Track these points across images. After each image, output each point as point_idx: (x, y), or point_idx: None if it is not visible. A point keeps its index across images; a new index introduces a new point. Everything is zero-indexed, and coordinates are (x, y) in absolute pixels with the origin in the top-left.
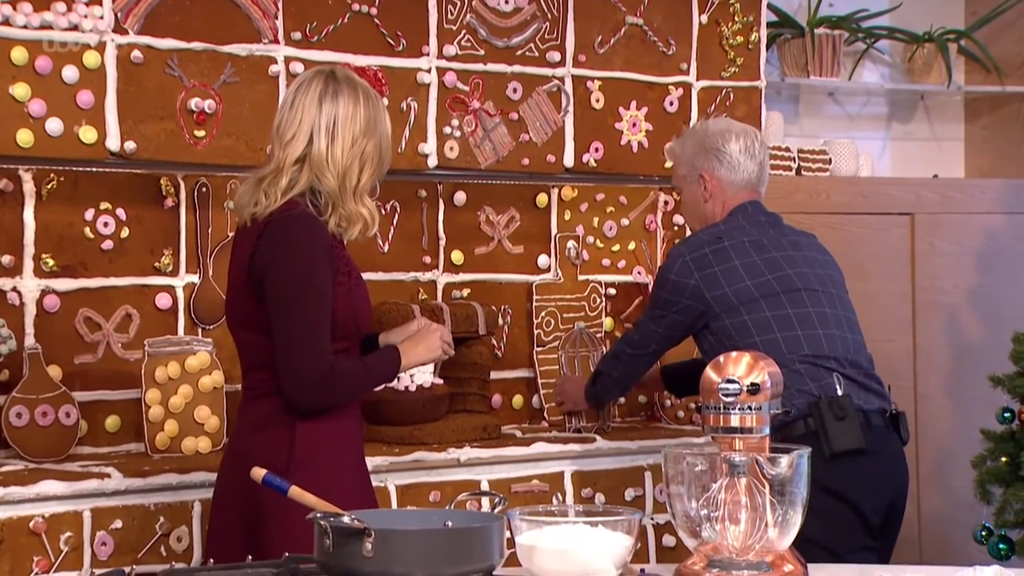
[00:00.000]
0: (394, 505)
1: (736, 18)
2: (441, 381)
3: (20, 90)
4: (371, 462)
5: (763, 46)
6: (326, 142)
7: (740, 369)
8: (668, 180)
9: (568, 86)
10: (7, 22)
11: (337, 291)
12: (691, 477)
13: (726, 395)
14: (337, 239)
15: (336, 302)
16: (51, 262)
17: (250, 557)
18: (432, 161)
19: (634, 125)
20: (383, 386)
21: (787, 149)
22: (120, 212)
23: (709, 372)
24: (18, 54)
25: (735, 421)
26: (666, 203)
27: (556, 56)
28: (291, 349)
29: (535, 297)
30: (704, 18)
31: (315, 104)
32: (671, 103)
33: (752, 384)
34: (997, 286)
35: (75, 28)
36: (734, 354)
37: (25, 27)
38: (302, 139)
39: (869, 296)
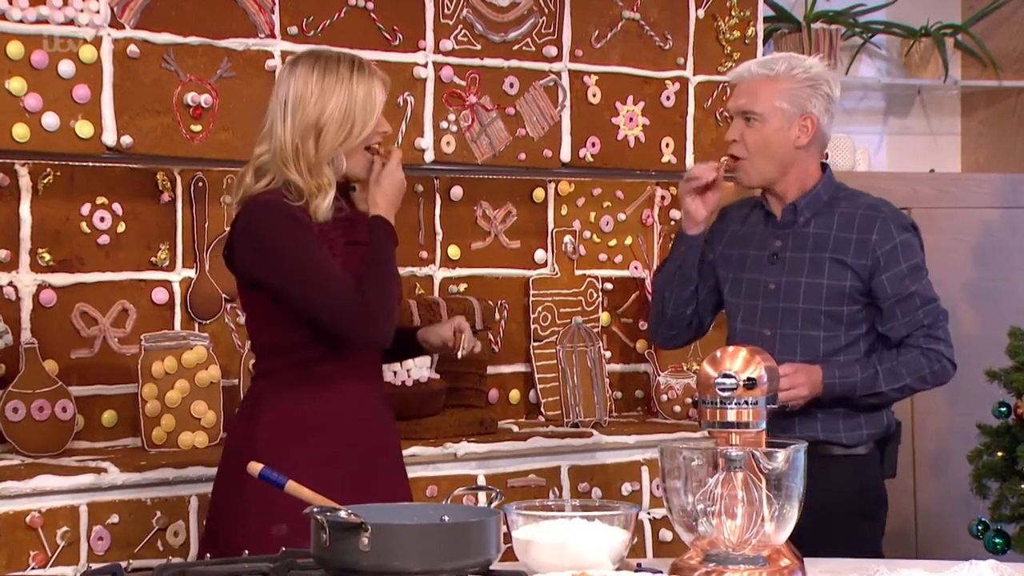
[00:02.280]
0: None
1: (733, 13)
2: (438, 376)
3: (16, 84)
4: None
5: (760, 41)
6: (280, 123)
7: (737, 363)
8: (665, 175)
9: (565, 81)
10: (3, 16)
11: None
12: (687, 472)
13: (723, 389)
14: (316, 221)
15: None
16: (47, 257)
17: (247, 551)
18: (429, 156)
19: (631, 120)
20: None
21: None
22: (116, 207)
23: (706, 366)
24: (14, 48)
25: (732, 416)
26: (663, 198)
27: (553, 51)
28: (315, 295)
29: (532, 292)
30: (701, 13)
31: (277, 88)
32: (668, 98)
33: (749, 379)
34: (994, 280)
35: (71, 22)
36: (731, 348)
37: (21, 21)
38: (266, 126)
39: None
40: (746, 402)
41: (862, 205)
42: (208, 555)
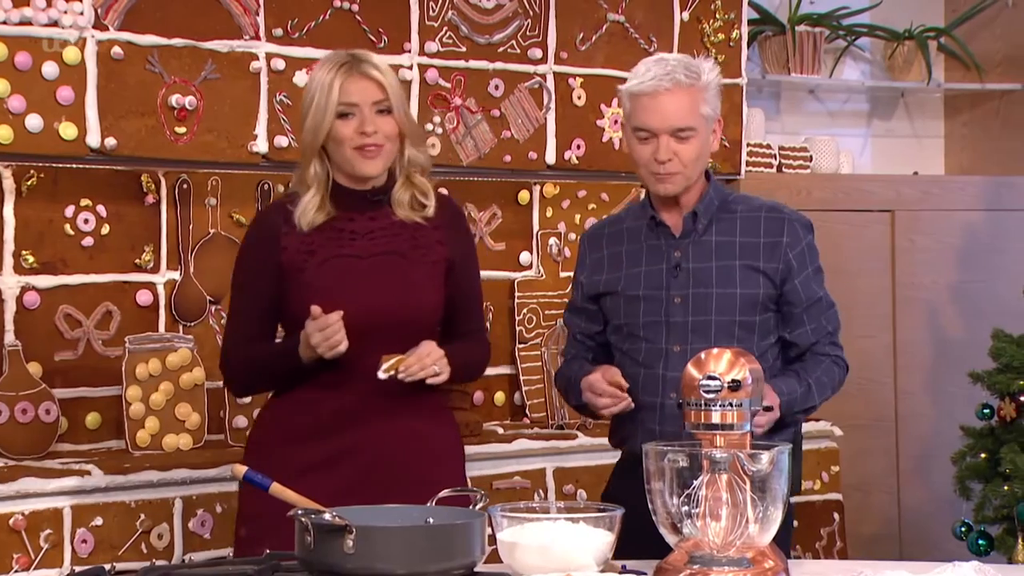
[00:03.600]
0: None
1: (717, 15)
2: None
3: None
4: None
5: (744, 43)
6: None
7: (721, 366)
8: None
9: (550, 83)
10: None
11: (290, 286)
12: (672, 473)
13: (707, 391)
14: (315, 231)
15: (288, 295)
16: (31, 259)
17: (230, 553)
18: None
19: (616, 122)
20: None
21: (768, 146)
22: (100, 209)
23: (690, 368)
24: None
25: (716, 418)
26: None
27: (538, 53)
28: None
29: (517, 294)
30: (685, 15)
31: None
32: None
33: (733, 381)
34: (977, 282)
35: (55, 24)
36: (715, 350)
37: (5, 23)
38: None
39: (849, 292)
40: (731, 404)
41: (761, 207)
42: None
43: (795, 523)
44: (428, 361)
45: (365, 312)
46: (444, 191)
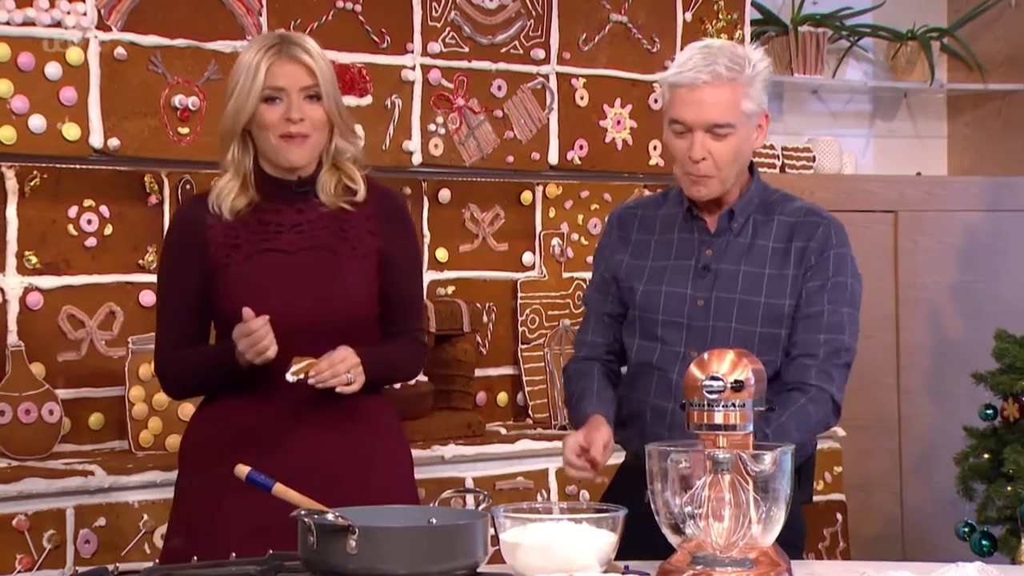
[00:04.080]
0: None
1: (720, 16)
2: (426, 378)
3: (2, 86)
4: None
5: (747, 44)
6: None
7: (724, 366)
8: (653, 177)
9: (553, 83)
10: None
11: (217, 282)
12: (674, 474)
13: (710, 392)
14: (241, 224)
15: (215, 292)
16: (34, 259)
17: (233, 554)
18: (417, 159)
19: (619, 122)
20: None
21: (771, 146)
22: (104, 209)
23: (693, 369)
24: (1, 50)
25: (719, 418)
26: None
27: (541, 53)
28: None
29: (520, 294)
30: (688, 16)
31: None
32: (655, 100)
33: (736, 381)
34: (979, 283)
35: (58, 24)
36: (717, 351)
37: (8, 23)
38: None
39: None
40: (733, 404)
41: (800, 211)
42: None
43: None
44: (340, 368)
45: (293, 311)
46: (394, 188)
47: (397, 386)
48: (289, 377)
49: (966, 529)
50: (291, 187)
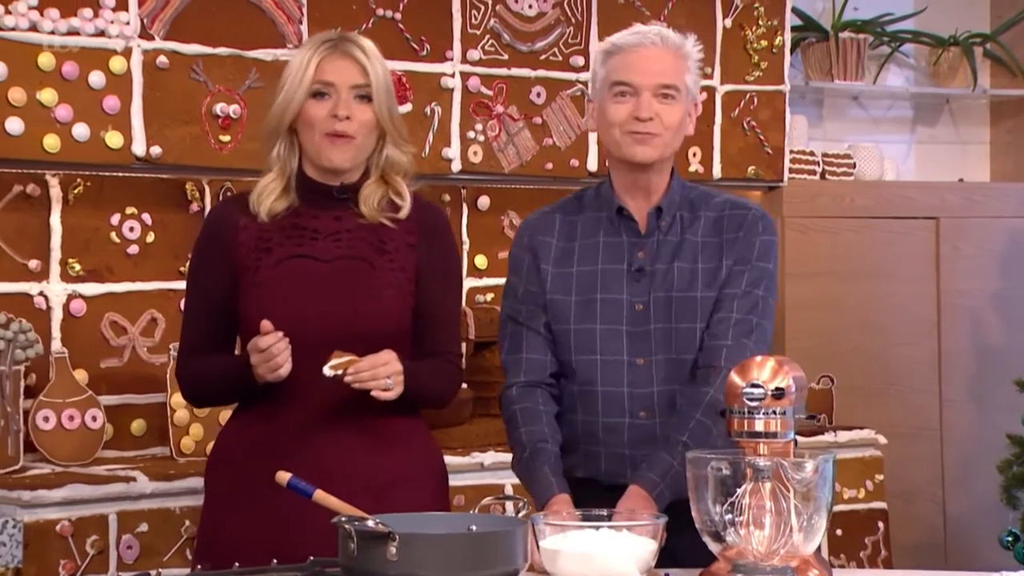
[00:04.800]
0: None
1: (760, 22)
2: (465, 385)
3: (47, 95)
4: None
5: (787, 50)
6: None
7: (765, 373)
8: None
9: None
10: (34, 28)
11: (241, 287)
12: (715, 482)
13: (750, 399)
14: (274, 227)
15: (240, 298)
16: (77, 266)
17: (275, 560)
18: (456, 166)
19: None
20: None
21: (811, 153)
22: (145, 217)
23: (734, 376)
24: (45, 60)
25: (759, 426)
26: None
27: (580, 60)
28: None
29: None
30: (728, 22)
31: None
32: (696, 105)
33: (777, 388)
34: (1021, 289)
35: (102, 34)
36: (759, 358)
37: (52, 33)
38: None
39: (892, 300)
40: (774, 412)
41: (725, 204)
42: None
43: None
44: (382, 371)
45: (322, 322)
46: (432, 201)
47: None
48: (326, 371)
49: (1009, 538)
50: (331, 193)
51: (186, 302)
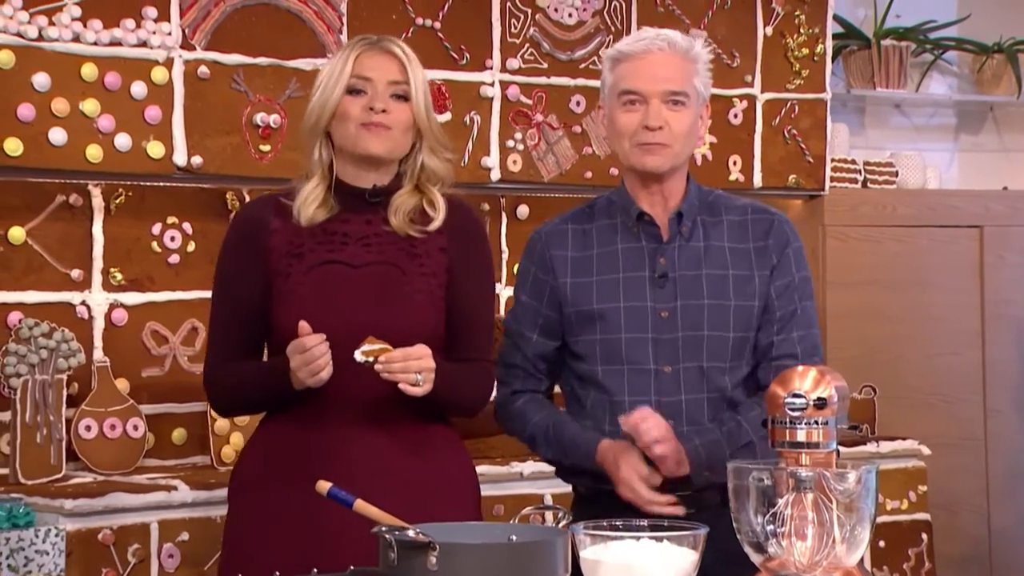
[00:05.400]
0: None
1: (801, 30)
2: None
3: (89, 106)
4: None
5: (828, 58)
6: None
7: (807, 383)
8: (732, 193)
9: None
10: (77, 39)
11: (273, 292)
12: (756, 492)
13: (792, 409)
14: (308, 231)
15: (272, 303)
16: (119, 276)
17: (315, 570)
18: (495, 175)
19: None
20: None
21: (853, 161)
22: (186, 226)
23: (775, 386)
24: (88, 70)
25: (801, 436)
26: None
27: None
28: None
29: None
30: (769, 30)
31: None
32: (735, 115)
33: (819, 398)
34: None
35: (144, 44)
36: (800, 368)
37: (95, 44)
38: None
39: (936, 309)
40: (816, 422)
41: (747, 208)
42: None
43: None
44: (413, 365)
45: (354, 328)
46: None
47: None
48: (357, 355)
49: None
50: (363, 196)
51: (216, 307)
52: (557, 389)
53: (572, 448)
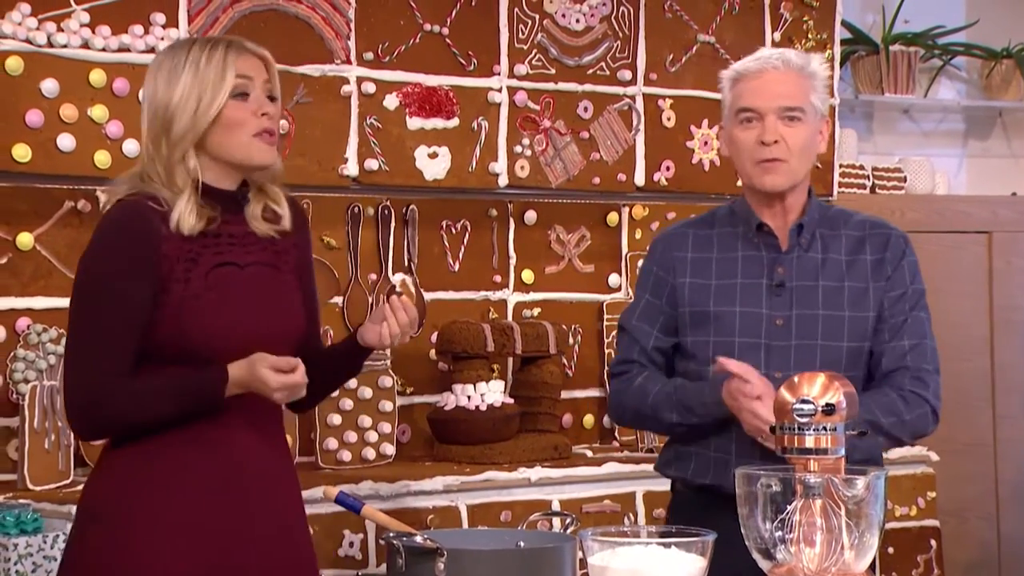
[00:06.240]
0: (465, 525)
1: (809, 35)
2: (511, 400)
3: (98, 112)
4: (442, 481)
5: (837, 63)
6: (143, 130)
7: (815, 389)
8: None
9: (639, 104)
10: (86, 45)
11: (165, 301)
12: (764, 498)
13: (800, 415)
14: (181, 233)
15: (163, 313)
16: None
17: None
18: (503, 180)
19: (705, 143)
20: (452, 405)
21: (861, 167)
22: None
23: (783, 392)
24: (97, 76)
25: (810, 442)
26: None
27: (627, 74)
28: (63, 366)
29: (605, 316)
30: (777, 35)
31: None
32: None
33: (827, 404)
34: None
35: (152, 50)
36: (808, 374)
37: (104, 50)
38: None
39: (945, 315)
40: (824, 428)
41: (865, 224)
42: None
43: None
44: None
45: (256, 328)
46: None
47: (483, 408)
48: (396, 282)
49: None
50: (235, 198)
51: (99, 318)
52: None
53: (696, 396)
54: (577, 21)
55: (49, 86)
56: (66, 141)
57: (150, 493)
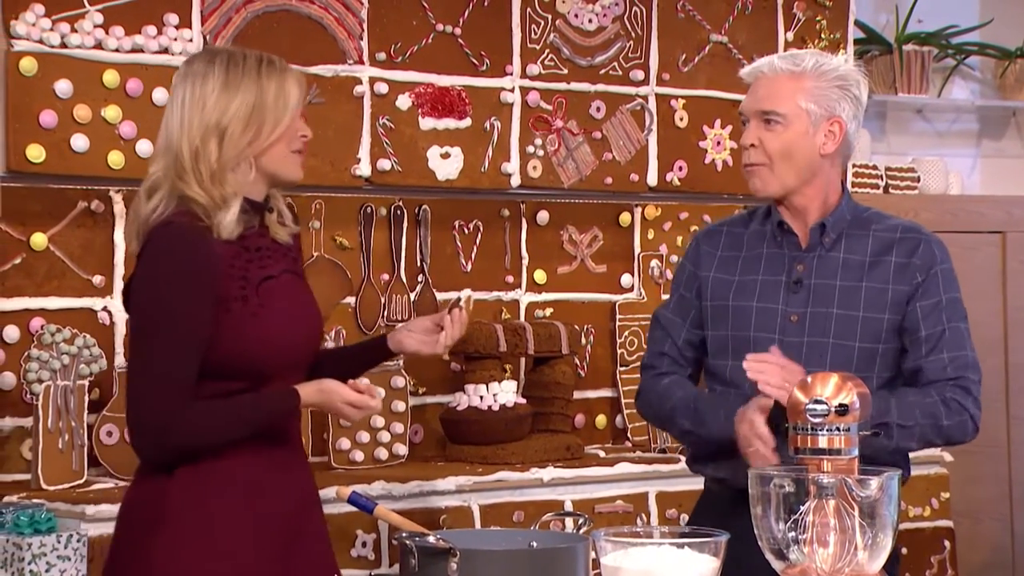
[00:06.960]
0: (477, 525)
1: (822, 35)
2: (524, 400)
3: (112, 112)
4: (454, 481)
5: (850, 63)
6: (178, 129)
7: (828, 390)
8: (753, 199)
9: (652, 104)
10: (99, 46)
11: (225, 320)
12: (777, 499)
13: (814, 416)
14: (235, 252)
15: (223, 332)
16: None
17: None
18: (515, 180)
19: (718, 143)
20: (464, 405)
21: (874, 167)
22: None
23: (796, 393)
24: (110, 77)
25: (823, 443)
26: None
27: (640, 74)
28: (129, 390)
29: (618, 316)
30: (790, 35)
31: (173, 93)
32: None
33: (840, 405)
34: None
35: (165, 51)
36: (821, 374)
37: (117, 51)
38: (162, 138)
39: None
40: (838, 429)
41: (897, 227)
42: None
43: (903, 550)
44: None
45: (304, 337)
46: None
47: (496, 408)
48: (463, 297)
49: None
50: (263, 209)
51: (168, 342)
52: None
53: (712, 411)
54: (589, 21)
55: (63, 87)
56: (80, 142)
57: (232, 501)
